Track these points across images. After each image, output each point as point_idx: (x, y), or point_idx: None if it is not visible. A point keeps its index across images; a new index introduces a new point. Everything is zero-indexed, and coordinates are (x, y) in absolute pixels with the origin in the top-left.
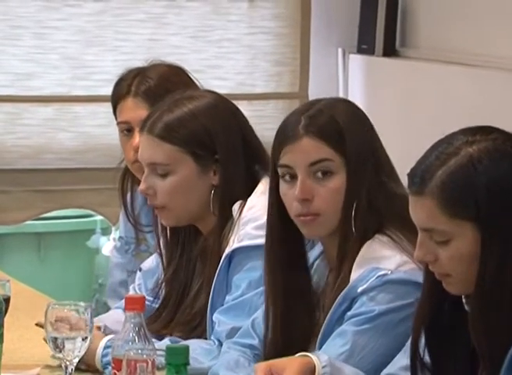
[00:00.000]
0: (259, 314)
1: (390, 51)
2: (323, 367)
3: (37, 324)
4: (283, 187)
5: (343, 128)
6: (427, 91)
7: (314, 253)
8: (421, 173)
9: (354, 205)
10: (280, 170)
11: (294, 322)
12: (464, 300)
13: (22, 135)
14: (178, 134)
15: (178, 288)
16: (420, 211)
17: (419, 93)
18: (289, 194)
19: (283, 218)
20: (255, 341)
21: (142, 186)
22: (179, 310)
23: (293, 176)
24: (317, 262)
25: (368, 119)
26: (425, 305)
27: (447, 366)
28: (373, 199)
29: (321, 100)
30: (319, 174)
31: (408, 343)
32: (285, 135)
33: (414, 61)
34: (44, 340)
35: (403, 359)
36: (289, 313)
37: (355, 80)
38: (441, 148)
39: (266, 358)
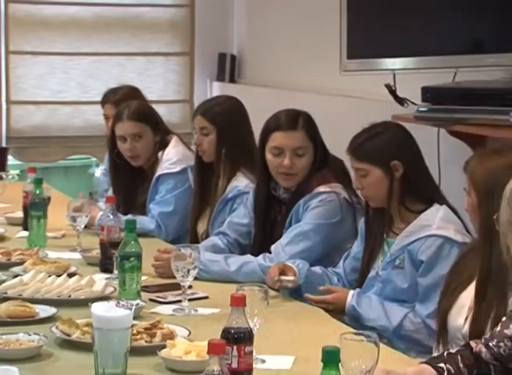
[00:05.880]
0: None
1: (233, 79)
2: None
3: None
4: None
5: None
6: (252, 103)
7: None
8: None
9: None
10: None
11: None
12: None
13: (62, 122)
14: (143, 116)
15: (131, 194)
16: None
17: (248, 104)
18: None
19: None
20: None
21: (128, 147)
22: (134, 202)
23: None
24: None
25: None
26: None
27: None
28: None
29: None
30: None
31: None
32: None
33: (245, 85)
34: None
35: None
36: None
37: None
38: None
39: None
